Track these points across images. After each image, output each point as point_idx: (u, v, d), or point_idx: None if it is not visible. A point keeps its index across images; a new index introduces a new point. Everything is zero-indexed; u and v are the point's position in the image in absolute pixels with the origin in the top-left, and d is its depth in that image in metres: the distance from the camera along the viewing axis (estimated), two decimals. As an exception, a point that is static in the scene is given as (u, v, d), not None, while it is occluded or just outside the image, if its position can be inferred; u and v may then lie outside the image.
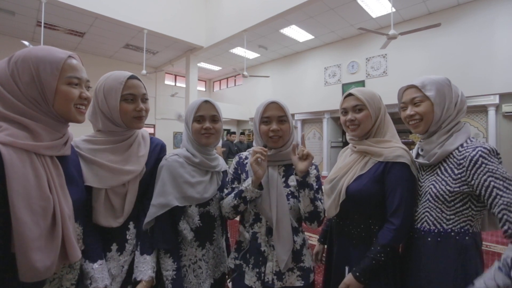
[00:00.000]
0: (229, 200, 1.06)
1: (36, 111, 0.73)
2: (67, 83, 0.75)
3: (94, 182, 0.90)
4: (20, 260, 0.64)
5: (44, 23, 6.12)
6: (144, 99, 1.02)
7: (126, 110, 0.96)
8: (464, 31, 6.45)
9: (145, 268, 0.94)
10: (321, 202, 1.09)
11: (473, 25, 6.33)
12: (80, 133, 0.96)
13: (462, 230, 0.90)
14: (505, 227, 0.76)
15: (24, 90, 0.71)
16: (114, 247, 0.96)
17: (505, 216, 0.77)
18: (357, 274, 0.96)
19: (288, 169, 1.12)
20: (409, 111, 1.01)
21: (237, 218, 1.17)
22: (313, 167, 1.13)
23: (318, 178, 1.12)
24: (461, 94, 0.99)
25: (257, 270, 1.04)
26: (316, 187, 1.09)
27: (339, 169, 1.14)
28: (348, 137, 1.19)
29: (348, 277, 0.99)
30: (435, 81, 0.98)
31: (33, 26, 7.15)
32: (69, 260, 0.74)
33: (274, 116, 1.07)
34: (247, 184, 1.03)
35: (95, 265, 0.88)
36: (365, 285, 0.97)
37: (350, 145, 1.20)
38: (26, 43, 5.45)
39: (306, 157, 1.00)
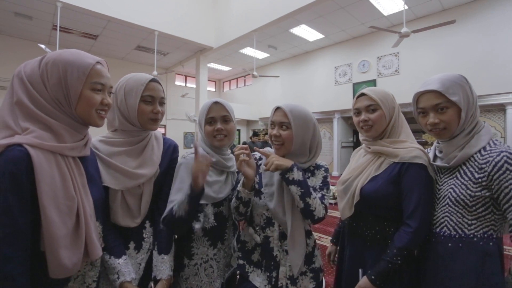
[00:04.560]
0: (233, 201, 1.08)
1: (60, 112, 0.75)
2: (91, 89, 0.77)
3: (111, 183, 0.93)
4: (49, 257, 0.67)
5: (60, 27, 6.30)
6: (162, 103, 1.04)
7: (144, 111, 0.98)
8: (480, 27, 6.24)
9: (163, 267, 0.98)
10: (321, 202, 1.00)
11: (490, 21, 6.12)
12: (95, 133, 0.99)
13: (486, 235, 0.86)
14: None
15: (51, 91, 0.74)
16: (131, 245, 0.98)
17: None
18: (373, 277, 0.94)
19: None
20: (433, 118, 0.93)
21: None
22: (323, 168, 1.10)
23: (325, 177, 1.08)
24: (473, 90, 0.94)
25: (268, 274, 1.03)
26: (321, 185, 1.06)
27: (352, 169, 1.13)
28: (361, 137, 1.17)
29: (363, 281, 0.96)
30: (456, 82, 0.90)
31: (49, 29, 7.38)
32: (90, 257, 0.76)
33: (277, 122, 1.06)
34: (239, 185, 1.03)
35: (121, 260, 0.92)
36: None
37: (363, 145, 1.18)
38: (42, 46, 5.63)
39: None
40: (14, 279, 0.62)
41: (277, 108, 1.08)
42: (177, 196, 0.99)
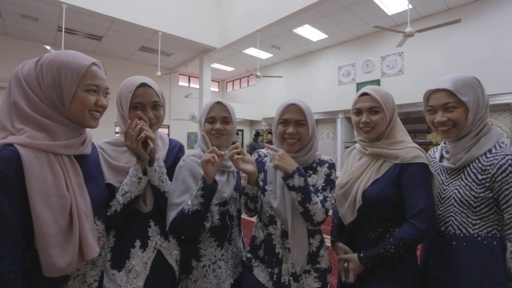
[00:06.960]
0: (242, 197, 1.10)
1: (55, 112, 0.76)
2: (85, 90, 0.78)
3: (114, 182, 0.95)
4: (41, 255, 0.67)
5: (65, 28, 6.37)
6: (155, 106, 1.02)
7: (135, 118, 0.97)
8: (486, 27, 6.16)
9: None
10: (322, 205, 0.98)
11: (496, 21, 6.04)
12: (103, 135, 1.00)
13: (489, 234, 0.88)
14: (508, 232, 0.85)
15: (46, 91, 0.75)
16: (137, 243, 0.97)
17: (511, 224, 0.84)
18: (362, 255, 0.98)
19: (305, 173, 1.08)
20: (440, 117, 0.95)
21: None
22: (326, 165, 1.07)
23: (328, 175, 1.05)
24: (485, 91, 0.95)
25: (270, 270, 1.04)
26: (323, 185, 1.04)
27: (350, 173, 1.10)
28: (357, 138, 1.14)
29: (353, 255, 1.01)
30: (468, 83, 0.92)
31: (54, 31, 7.46)
32: (84, 257, 0.75)
33: (292, 119, 1.04)
34: (245, 180, 1.05)
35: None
36: (365, 267, 0.97)
37: (358, 145, 1.15)
38: (48, 47, 5.68)
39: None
40: (5, 276, 0.63)
41: (290, 105, 1.05)
42: (183, 198, 0.98)
